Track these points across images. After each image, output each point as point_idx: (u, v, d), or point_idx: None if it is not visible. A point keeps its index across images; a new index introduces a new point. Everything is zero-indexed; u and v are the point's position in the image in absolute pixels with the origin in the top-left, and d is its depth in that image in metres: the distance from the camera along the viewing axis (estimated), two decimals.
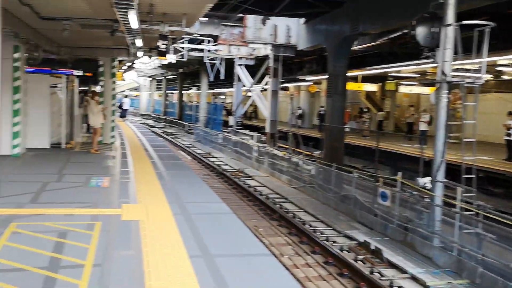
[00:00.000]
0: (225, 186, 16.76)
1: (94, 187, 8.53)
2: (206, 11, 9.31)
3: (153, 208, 7.23)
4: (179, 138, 31.70)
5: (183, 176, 10.71)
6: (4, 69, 11.13)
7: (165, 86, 46.42)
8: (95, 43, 14.45)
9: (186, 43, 29.43)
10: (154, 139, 20.31)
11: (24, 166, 10.47)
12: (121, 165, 11.25)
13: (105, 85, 15.45)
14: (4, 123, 11.25)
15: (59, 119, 13.49)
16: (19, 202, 7.06)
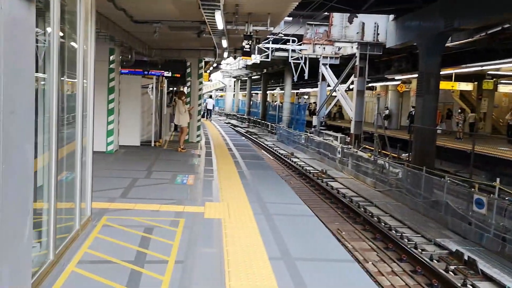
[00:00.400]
0: (307, 187, 16.59)
1: (180, 185, 8.80)
2: (290, 10, 9.23)
3: (235, 207, 7.29)
4: (262, 138, 32.02)
5: (265, 176, 10.72)
6: (100, 71, 11.88)
7: (250, 86, 47.14)
8: (183, 45, 14.97)
9: (271, 43, 29.65)
10: (237, 138, 20.67)
11: (116, 162, 11.09)
12: (205, 164, 11.53)
13: (191, 86, 15.96)
14: (99, 121, 12.00)
15: (149, 118, 14.16)
16: (111, 196, 7.45)
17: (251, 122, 41.62)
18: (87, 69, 5.69)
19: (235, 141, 18.17)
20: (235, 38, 12.19)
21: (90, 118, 5.81)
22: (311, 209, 12.62)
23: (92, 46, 5.75)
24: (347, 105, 24.50)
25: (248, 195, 8.22)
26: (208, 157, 12.69)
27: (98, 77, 11.94)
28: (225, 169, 10.91)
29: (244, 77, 48.78)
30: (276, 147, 26.89)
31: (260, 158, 14.03)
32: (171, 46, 15.34)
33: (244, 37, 9.49)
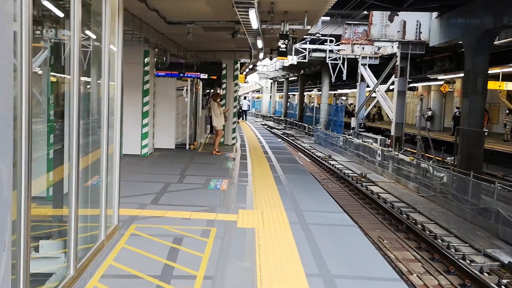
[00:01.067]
0: (346, 192, 16.00)
1: (213, 190, 8.48)
2: (329, 7, 8.76)
3: (270, 215, 6.88)
4: (298, 140, 31.49)
5: (302, 181, 10.27)
6: (135, 73, 11.76)
7: (286, 88, 46.67)
8: (218, 46, 14.72)
9: (308, 43, 29.11)
10: (273, 140, 20.26)
11: (150, 165, 10.90)
12: (240, 167, 11.19)
13: (227, 87, 15.69)
14: (134, 124, 11.87)
15: (184, 120, 13.97)
16: (141, 202, 7.20)
17: (288, 123, 41.12)
18: (114, 71, 5.42)
19: (271, 144, 17.77)
20: (271, 38, 11.80)
21: (117, 121, 5.54)
22: (350, 216, 12.08)
23: (120, 46, 5.49)
24: (387, 106, 23.65)
25: (283, 202, 7.80)
26: (243, 161, 12.35)
27: (133, 79, 11.87)
28: (260, 173, 10.53)
29: (281, 79, 48.34)
30: (313, 149, 26.31)
31: (296, 162, 13.58)
32: (206, 47, 15.12)
33: (280, 37, 9.08)
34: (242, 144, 16.46)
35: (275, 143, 18.92)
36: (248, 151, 14.63)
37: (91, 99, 5.58)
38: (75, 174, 4.02)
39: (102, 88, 4.93)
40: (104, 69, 4.89)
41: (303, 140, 31.20)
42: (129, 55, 11.68)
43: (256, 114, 57.60)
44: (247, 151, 14.61)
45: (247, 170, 10.90)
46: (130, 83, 11.75)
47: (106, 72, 4.91)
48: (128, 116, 11.76)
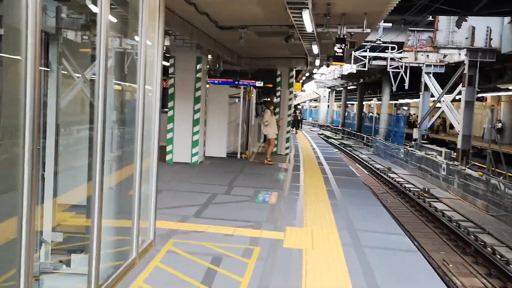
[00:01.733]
0: (406, 208, 14.94)
1: (261, 203, 7.94)
2: (390, 9, 8.02)
3: (320, 235, 6.23)
4: (356, 150, 30.37)
5: (358, 196, 9.50)
6: (186, 80, 11.52)
7: (345, 97, 45.49)
8: (273, 53, 14.26)
9: (368, 51, 28.06)
10: (329, 151, 19.44)
11: (199, 175, 10.55)
12: (291, 179, 10.59)
13: (281, 96, 15.17)
14: (185, 132, 11.61)
15: (236, 128, 13.58)
16: (184, 214, 6.79)
17: (345, 133, 39.96)
18: (153, 76, 5.03)
19: (327, 154, 16.99)
20: (328, 44, 11.16)
21: (154, 129, 5.14)
22: (412, 237, 11.14)
23: (160, 48, 5.09)
24: (454, 117, 22.16)
25: (336, 220, 7.11)
26: (296, 172, 11.73)
27: (185, 86, 11.62)
28: (312, 186, 9.87)
29: (339, 88, 47.23)
30: (372, 161, 25.17)
31: (353, 175, 12.76)
32: (260, 54, 14.71)
33: (337, 41, 8.43)
34: (296, 154, 15.84)
35: (331, 154, 18.10)
36: (302, 161, 13.99)
37: (127, 106, 5.24)
38: (98, 179, 3.60)
39: (137, 94, 4.54)
40: (140, 73, 4.50)
41: (361, 151, 30.04)
42: (181, 61, 11.50)
43: (312, 123, 56.67)
44: (300, 161, 13.98)
45: (299, 182, 10.27)
46: (181, 90, 11.54)
47: (142, 78, 4.51)
48: (179, 123, 11.53)
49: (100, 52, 3.59)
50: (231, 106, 13.56)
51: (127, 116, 5.33)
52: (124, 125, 5.18)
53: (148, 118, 4.91)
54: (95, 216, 3.64)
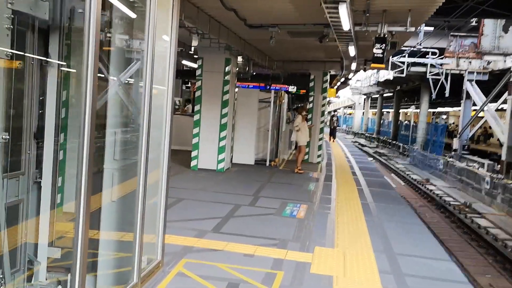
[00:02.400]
0: (446, 223, 13.82)
1: (288, 217, 7.19)
2: (438, 5, 7.15)
3: (354, 259, 5.44)
4: (392, 160, 29.11)
5: (395, 212, 8.61)
6: (214, 83, 10.93)
7: (381, 104, 44.09)
8: (307, 56, 13.52)
9: (407, 56, 26.88)
10: (364, 160, 18.46)
11: (223, 183, 9.90)
12: (323, 190, 9.78)
13: (314, 101, 14.38)
14: (211, 137, 11.01)
15: (266, 134, 12.88)
16: (202, 229, 6.12)
17: (380, 142, 38.62)
18: (166, 76, 4.40)
19: (361, 164, 16.06)
20: (365, 47, 10.34)
21: (166, 135, 4.50)
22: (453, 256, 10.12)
23: (173, 42, 4.45)
24: (498, 127, 20.76)
25: (372, 240, 6.29)
26: (327, 182, 10.91)
27: (212, 89, 11.02)
28: (345, 199, 9.05)
29: (375, 95, 45.84)
30: (409, 171, 23.93)
31: (389, 187, 11.82)
32: (293, 57, 13.99)
33: (376, 40, 7.62)
34: (329, 162, 14.99)
35: (366, 163, 17.14)
36: (334, 171, 13.14)
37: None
38: (84, 185, 2.95)
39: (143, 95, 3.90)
40: (146, 72, 3.86)
41: (397, 161, 28.76)
42: (209, 63, 10.91)
43: (346, 130, 55.37)
44: (333, 171, 13.13)
45: (331, 194, 9.46)
46: (209, 93, 10.96)
47: (149, 76, 3.87)
48: (205, 128, 10.95)
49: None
50: (261, 111, 12.88)
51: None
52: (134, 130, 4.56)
53: (157, 123, 4.27)
54: (79, 228, 2.99)
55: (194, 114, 11.05)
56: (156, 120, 4.27)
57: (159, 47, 4.14)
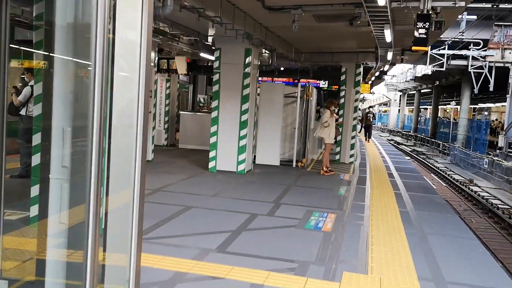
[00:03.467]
0: (496, 230, 12.20)
1: (312, 231, 5.97)
2: None
3: None
4: (431, 159, 27.23)
5: (441, 222, 7.23)
6: (233, 76, 9.80)
7: (418, 100, 41.92)
8: (336, 46, 12.20)
9: (446, 48, 24.99)
10: (401, 160, 16.91)
11: (242, 187, 8.75)
12: (355, 196, 8.48)
13: (346, 95, 13.03)
14: (230, 136, 9.89)
15: (292, 133, 11.65)
16: (204, 247, 4.99)
17: (418, 140, 36.57)
18: (137, 62, 3.24)
19: (398, 164, 14.56)
20: (403, 32, 8.98)
21: (137, 140, 3.34)
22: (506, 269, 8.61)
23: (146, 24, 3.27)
24: None
25: (416, 262, 4.99)
26: (361, 186, 9.58)
27: (231, 83, 9.88)
28: (381, 206, 7.73)
29: (412, 91, 43.68)
30: (450, 171, 22.11)
31: (432, 191, 10.35)
32: (322, 47, 12.69)
33: (418, 18, 6.27)
34: (362, 163, 13.60)
35: (403, 163, 15.60)
36: (369, 172, 11.76)
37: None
38: None
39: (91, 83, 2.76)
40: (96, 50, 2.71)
41: (437, 160, 26.87)
42: (227, 54, 9.79)
43: (382, 128, 53.22)
44: (367, 172, 11.76)
45: (364, 200, 8.15)
46: (227, 87, 9.84)
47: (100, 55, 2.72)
48: (224, 126, 9.84)
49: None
50: (287, 108, 11.66)
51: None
52: None
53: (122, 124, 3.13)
54: None
55: (212, 111, 9.97)
56: (125, 121, 3.14)
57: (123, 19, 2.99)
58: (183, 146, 13.77)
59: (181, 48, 11.87)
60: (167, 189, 7.95)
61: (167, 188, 8.01)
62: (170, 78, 14.02)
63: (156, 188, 7.86)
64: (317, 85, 19.18)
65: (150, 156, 10.70)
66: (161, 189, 7.87)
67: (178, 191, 7.99)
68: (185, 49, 11.83)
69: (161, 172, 9.50)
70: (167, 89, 14.04)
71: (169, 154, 12.43)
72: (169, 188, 8.04)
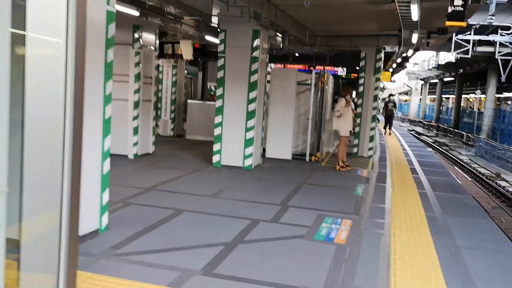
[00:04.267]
0: None
1: (322, 243, 4.95)
2: None
3: None
4: (453, 150, 25.80)
5: (476, 230, 6.12)
6: (240, 60, 8.78)
7: (440, 89, 40.13)
8: (355, 28, 11.04)
9: (472, 33, 23.39)
10: (423, 152, 15.65)
11: (247, 185, 7.78)
12: (374, 196, 7.42)
13: (365, 83, 11.88)
14: (237, 127, 8.90)
15: (306, 124, 10.59)
16: (187, 267, 4.02)
17: (440, 130, 34.99)
18: (61, 28, 2.23)
19: (421, 158, 13.36)
20: (432, 11, 7.80)
21: (65, 138, 2.35)
22: None
23: None
24: None
25: (447, 280, 3.95)
26: (380, 184, 8.50)
27: (237, 68, 8.82)
28: (404, 210, 6.65)
29: (434, 79, 41.87)
30: (474, 164, 20.73)
31: (461, 191, 9.16)
32: (340, 30, 11.53)
33: None
34: (382, 156, 12.48)
35: (426, 156, 14.36)
36: (389, 168, 10.65)
37: None
38: None
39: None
40: None
41: (460, 151, 25.43)
42: (233, 36, 8.76)
43: (402, 118, 51.49)
44: (387, 167, 10.65)
45: (385, 202, 7.08)
46: (233, 74, 8.85)
47: None
48: (229, 116, 8.87)
49: None
50: (300, 96, 10.60)
51: None
52: None
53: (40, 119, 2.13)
54: None
55: (216, 100, 8.98)
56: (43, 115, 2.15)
57: None
58: (191, 137, 12.84)
59: (186, 32, 10.87)
60: (161, 188, 7.01)
61: (161, 187, 7.07)
62: (177, 65, 13.06)
63: (149, 187, 6.94)
64: (335, 73, 17.99)
65: (151, 148, 9.79)
66: (155, 188, 6.94)
67: (173, 190, 7.04)
68: (191, 32, 10.82)
69: (160, 167, 8.58)
70: (173, 76, 13.09)
71: (173, 146, 11.52)
72: (163, 187, 7.10)
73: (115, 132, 9.18)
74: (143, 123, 9.37)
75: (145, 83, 9.34)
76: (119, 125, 9.12)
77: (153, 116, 9.77)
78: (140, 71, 9.12)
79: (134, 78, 9.06)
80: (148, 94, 9.51)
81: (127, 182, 7.12)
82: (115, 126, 9.08)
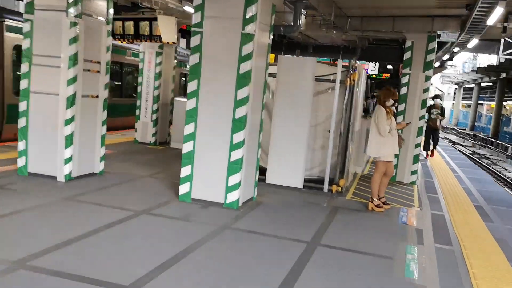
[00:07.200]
0: None
1: None
2: None
3: None
4: (497, 165, 21.83)
5: None
6: (224, 39, 5.47)
7: (477, 95, 35.88)
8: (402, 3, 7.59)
9: None
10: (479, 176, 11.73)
11: (220, 251, 4.46)
12: (439, 277, 3.98)
13: (409, 83, 8.42)
14: (216, 142, 5.60)
15: (326, 138, 7.19)
16: None
17: (476, 139, 30.86)
18: None
19: (482, 186, 9.55)
20: None
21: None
22: None
23: None
24: None
25: None
26: (442, 245, 5.03)
27: (220, 52, 5.48)
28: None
29: (470, 84, 37.61)
30: None
31: None
32: (379, 8, 8.06)
33: None
34: (428, 182, 8.97)
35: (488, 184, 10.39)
36: (445, 205, 7.13)
37: None
38: None
39: None
40: None
41: (505, 166, 21.47)
42: (215, 2, 5.47)
43: None
44: (442, 205, 7.14)
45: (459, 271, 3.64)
46: (214, 59, 5.53)
47: None
48: (205, 125, 5.56)
49: None
50: (319, 98, 7.21)
51: None
52: None
53: None
54: None
55: (187, 98, 5.68)
56: None
57: None
58: (176, 145, 9.59)
59: (165, 3, 7.62)
60: (46, 261, 3.62)
61: (48, 257, 3.69)
62: (162, 51, 9.84)
63: (21, 258, 3.62)
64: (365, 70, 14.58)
65: (98, 166, 6.58)
66: (29, 261, 3.59)
67: (64, 268, 3.56)
68: (171, 4, 7.56)
69: (86, 202, 5.31)
70: (157, 66, 9.86)
71: (143, 160, 8.27)
72: (54, 257, 3.73)
73: (37, 142, 5.95)
74: (83, 129, 6.18)
75: (87, 70, 6.14)
76: (47, 131, 5.98)
77: (103, 120, 6.55)
78: (78, 52, 5.93)
79: (68, 62, 5.87)
80: (93, 87, 6.31)
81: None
82: (38, 132, 5.86)
